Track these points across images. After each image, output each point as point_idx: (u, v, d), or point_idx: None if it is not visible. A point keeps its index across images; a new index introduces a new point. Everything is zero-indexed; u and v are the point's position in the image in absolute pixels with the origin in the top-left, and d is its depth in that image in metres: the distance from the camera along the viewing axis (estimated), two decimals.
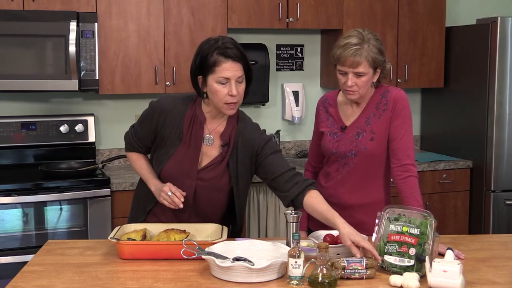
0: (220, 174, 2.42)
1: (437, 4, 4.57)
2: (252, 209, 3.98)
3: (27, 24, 3.57)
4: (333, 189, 2.63)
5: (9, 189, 3.47)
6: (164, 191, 2.34)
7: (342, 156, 2.59)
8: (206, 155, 2.42)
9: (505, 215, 4.31)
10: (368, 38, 2.47)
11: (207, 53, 2.28)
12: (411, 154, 2.53)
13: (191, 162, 2.40)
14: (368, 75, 2.48)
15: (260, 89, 4.35)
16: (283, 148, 4.64)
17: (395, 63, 4.49)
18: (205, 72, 2.29)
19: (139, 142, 2.52)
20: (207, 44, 2.34)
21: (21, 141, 3.91)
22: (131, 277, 2.07)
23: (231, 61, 2.27)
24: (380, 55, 2.48)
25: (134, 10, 3.88)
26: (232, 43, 2.31)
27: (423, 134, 5.01)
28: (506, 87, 4.21)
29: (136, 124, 2.53)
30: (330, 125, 2.65)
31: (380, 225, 2.18)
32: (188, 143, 2.40)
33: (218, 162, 2.41)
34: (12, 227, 3.50)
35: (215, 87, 2.27)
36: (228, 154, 2.41)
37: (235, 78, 2.27)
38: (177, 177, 2.40)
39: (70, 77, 3.63)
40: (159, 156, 2.45)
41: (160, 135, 2.42)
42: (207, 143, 2.41)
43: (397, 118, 2.54)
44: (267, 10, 4.15)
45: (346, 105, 2.64)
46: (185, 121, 2.39)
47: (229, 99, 2.28)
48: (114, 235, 2.26)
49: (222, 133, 2.42)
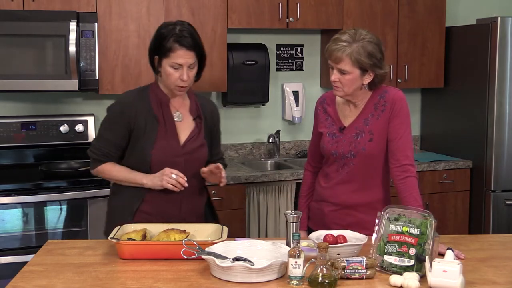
0: (200, 145, 2.59)
1: (437, 4, 4.57)
2: (252, 209, 3.98)
3: (27, 24, 3.57)
4: (333, 189, 2.63)
5: (9, 189, 3.47)
6: (168, 175, 2.43)
7: (341, 157, 2.59)
8: (182, 131, 2.56)
9: (505, 215, 4.31)
10: (361, 38, 2.46)
11: (164, 38, 2.45)
12: (410, 154, 2.53)
13: (173, 140, 2.53)
14: (353, 74, 2.47)
15: (260, 89, 4.34)
16: (283, 148, 4.65)
17: (395, 63, 4.49)
18: (160, 54, 2.47)
19: (114, 148, 2.54)
20: (165, 28, 2.48)
21: (21, 141, 3.91)
22: (131, 277, 2.07)
23: (185, 49, 2.44)
24: (368, 58, 2.45)
25: (134, 10, 3.88)
26: (188, 32, 2.47)
27: (423, 134, 5.01)
28: (506, 87, 4.21)
29: (103, 134, 2.56)
30: (329, 126, 2.64)
31: (380, 225, 2.18)
32: (163, 124, 2.52)
33: (196, 134, 2.58)
34: (12, 227, 3.50)
35: (169, 70, 2.46)
36: (202, 125, 2.61)
37: (187, 64, 2.46)
38: (166, 158, 2.49)
39: (70, 77, 3.63)
40: (141, 147, 2.50)
41: (136, 127, 2.50)
42: (178, 119, 2.57)
43: (395, 119, 2.54)
44: (267, 10, 4.16)
45: (344, 105, 2.64)
46: (153, 104, 2.52)
47: (180, 83, 2.47)
48: (114, 235, 2.26)
49: (190, 108, 2.60)
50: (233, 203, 3.89)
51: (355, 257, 2.08)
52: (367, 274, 2.04)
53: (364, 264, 2.04)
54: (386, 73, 2.55)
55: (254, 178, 3.94)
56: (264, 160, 4.53)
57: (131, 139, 2.52)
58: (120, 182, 2.57)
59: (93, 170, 2.60)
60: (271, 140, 4.54)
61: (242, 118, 4.56)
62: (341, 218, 2.61)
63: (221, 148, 2.82)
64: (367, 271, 2.05)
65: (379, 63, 2.49)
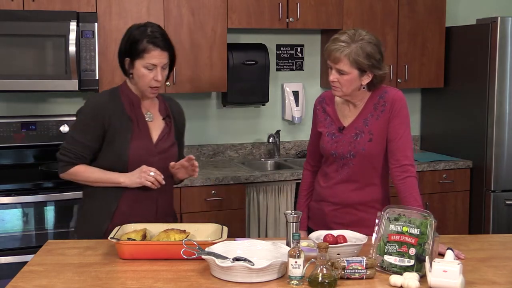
0: (171, 144, 2.62)
1: (437, 4, 4.57)
2: (252, 209, 3.98)
3: (27, 24, 3.57)
4: (332, 189, 2.64)
5: (9, 189, 3.47)
6: (146, 172, 2.46)
7: (340, 157, 2.59)
8: (153, 130, 2.59)
9: (505, 215, 4.31)
10: (360, 39, 2.45)
11: (138, 40, 2.46)
12: (409, 155, 2.53)
13: (147, 140, 2.55)
14: (351, 75, 2.47)
15: (260, 89, 4.34)
16: (283, 148, 4.65)
17: (395, 63, 4.49)
18: (133, 56, 2.48)
19: (87, 150, 2.52)
20: (137, 30, 2.50)
21: (21, 141, 3.91)
22: (131, 277, 2.07)
23: (160, 50, 2.46)
24: (366, 59, 2.45)
25: (134, 10, 3.88)
26: (160, 33, 2.50)
27: (423, 134, 5.01)
28: (506, 87, 4.21)
29: (75, 136, 2.53)
30: (328, 125, 2.65)
31: (380, 225, 2.18)
32: (136, 124, 2.54)
33: (167, 134, 2.61)
34: (12, 227, 3.50)
35: (142, 71, 2.47)
36: (172, 125, 2.65)
37: (161, 65, 2.48)
38: (142, 158, 2.51)
39: (70, 77, 3.63)
40: (118, 147, 2.50)
41: (111, 128, 2.50)
42: (149, 119, 2.59)
43: (395, 119, 2.54)
44: (267, 10, 4.16)
45: (343, 105, 2.64)
46: (125, 105, 2.54)
47: (153, 83, 2.49)
48: (114, 235, 2.26)
49: (159, 108, 2.63)
50: (233, 203, 3.89)
51: (355, 257, 2.08)
52: (367, 274, 2.04)
53: (364, 264, 2.04)
54: (385, 74, 2.55)
55: (254, 178, 3.94)
56: (264, 160, 4.53)
57: (105, 140, 2.51)
58: (94, 184, 2.55)
59: (64, 173, 2.56)
60: (271, 140, 4.54)
61: (242, 118, 4.56)
62: (342, 217, 2.62)
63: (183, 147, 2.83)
64: (367, 271, 2.04)
65: (378, 64, 2.49)
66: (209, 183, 3.84)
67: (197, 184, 3.81)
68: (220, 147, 4.52)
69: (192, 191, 3.80)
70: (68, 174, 2.56)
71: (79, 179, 2.57)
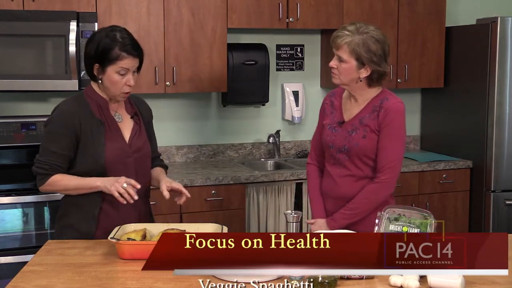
0: (144, 141, 2.62)
1: (437, 4, 4.57)
2: (252, 209, 3.98)
3: (27, 24, 3.57)
4: (331, 182, 2.70)
5: (9, 189, 3.47)
6: (120, 183, 2.39)
7: (336, 150, 2.65)
8: (124, 130, 2.58)
9: (505, 215, 4.31)
10: (365, 32, 2.53)
11: (110, 48, 2.44)
12: (387, 166, 2.57)
13: (121, 140, 2.54)
14: (349, 64, 2.53)
15: (260, 89, 4.34)
16: (283, 148, 4.65)
17: (395, 63, 4.49)
18: (104, 62, 2.45)
19: (62, 159, 2.47)
20: (107, 37, 2.45)
21: (21, 141, 3.90)
22: (131, 277, 2.07)
23: (132, 57, 2.47)
24: (366, 51, 2.51)
25: (134, 10, 3.88)
26: (130, 39, 2.49)
27: (423, 134, 5.01)
28: (506, 87, 4.21)
29: (48, 147, 2.48)
30: (332, 118, 2.71)
31: (380, 225, 2.18)
32: (108, 126, 2.52)
33: (138, 131, 2.61)
34: (12, 227, 3.50)
35: (115, 77, 2.46)
36: (141, 121, 2.65)
37: (133, 69, 2.49)
38: (118, 159, 2.50)
39: (70, 77, 3.63)
40: (93, 151, 2.47)
41: (84, 134, 2.47)
42: (119, 120, 2.58)
43: (384, 129, 2.58)
44: (267, 10, 4.15)
45: (346, 99, 2.70)
46: (93, 109, 2.51)
47: (126, 89, 2.49)
48: (114, 235, 2.26)
49: (126, 107, 2.62)
50: (233, 203, 3.89)
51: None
52: (367, 274, 2.04)
53: None
54: (385, 72, 2.58)
55: (254, 178, 3.94)
56: (264, 160, 4.53)
57: (79, 146, 2.48)
58: (73, 192, 2.50)
59: (42, 186, 2.51)
60: (271, 140, 4.54)
61: (242, 118, 4.56)
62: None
63: (156, 142, 2.79)
64: None
65: (378, 60, 2.53)
66: (209, 183, 3.84)
67: (197, 184, 3.81)
68: (220, 147, 4.51)
69: (192, 191, 3.77)
70: (47, 185, 2.50)
71: (57, 189, 2.52)
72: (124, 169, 2.50)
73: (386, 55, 2.56)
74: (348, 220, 2.60)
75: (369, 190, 2.59)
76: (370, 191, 2.59)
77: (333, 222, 2.63)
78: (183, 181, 3.72)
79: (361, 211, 2.59)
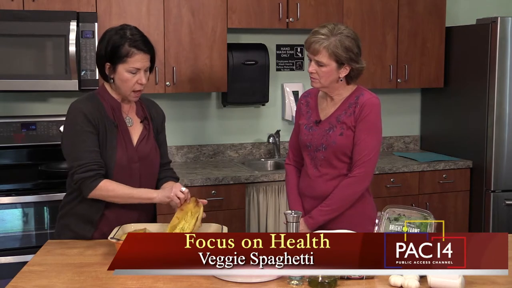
0: (152, 147, 2.57)
1: (437, 4, 4.57)
2: (252, 209, 3.98)
3: (27, 24, 3.57)
4: (308, 182, 2.71)
5: (9, 189, 3.47)
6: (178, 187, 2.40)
7: (314, 149, 2.67)
8: (133, 135, 2.54)
9: (505, 215, 4.31)
10: (339, 32, 2.55)
11: (119, 44, 2.41)
12: (362, 160, 2.58)
13: (130, 145, 2.50)
14: (330, 67, 2.55)
15: (260, 89, 4.35)
16: (283, 148, 4.65)
17: (395, 63, 4.49)
18: (115, 60, 2.42)
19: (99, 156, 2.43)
20: (117, 34, 2.43)
21: (21, 141, 3.91)
22: (131, 277, 2.07)
23: (143, 53, 2.42)
24: (345, 51, 2.53)
25: (134, 10, 3.88)
26: (140, 35, 2.45)
27: (423, 134, 5.01)
28: (506, 87, 4.21)
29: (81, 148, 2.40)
30: (307, 118, 2.73)
31: (380, 225, 2.18)
32: (120, 130, 2.49)
33: (146, 136, 2.56)
34: (12, 227, 3.50)
35: (126, 76, 2.42)
36: (151, 127, 2.60)
37: (144, 68, 2.44)
38: (125, 164, 2.46)
39: (70, 77, 3.63)
40: (103, 155, 2.44)
41: (101, 134, 2.44)
42: (129, 124, 2.54)
43: (360, 123, 2.60)
44: (267, 10, 4.16)
45: (322, 99, 2.73)
46: (107, 110, 2.48)
47: (137, 87, 2.45)
48: (114, 235, 2.26)
49: (136, 111, 2.58)
50: (233, 203, 3.89)
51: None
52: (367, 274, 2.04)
53: None
54: (362, 67, 2.62)
55: (254, 178, 3.94)
56: (264, 160, 4.53)
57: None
58: (120, 200, 2.43)
59: (92, 191, 2.39)
60: (271, 140, 4.54)
61: (242, 118, 4.56)
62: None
63: (167, 148, 2.73)
64: None
65: (355, 57, 2.57)
66: (209, 183, 3.84)
67: (197, 184, 3.81)
68: (220, 147, 4.52)
69: (192, 191, 3.78)
70: (97, 189, 2.38)
71: (108, 195, 2.41)
72: (129, 174, 2.47)
73: (360, 51, 2.61)
74: (326, 216, 2.61)
75: (344, 185, 2.60)
76: (345, 186, 2.60)
77: (311, 220, 2.63)
78: (183, 181, 3.72)
79: (338, 206, 2.60)
